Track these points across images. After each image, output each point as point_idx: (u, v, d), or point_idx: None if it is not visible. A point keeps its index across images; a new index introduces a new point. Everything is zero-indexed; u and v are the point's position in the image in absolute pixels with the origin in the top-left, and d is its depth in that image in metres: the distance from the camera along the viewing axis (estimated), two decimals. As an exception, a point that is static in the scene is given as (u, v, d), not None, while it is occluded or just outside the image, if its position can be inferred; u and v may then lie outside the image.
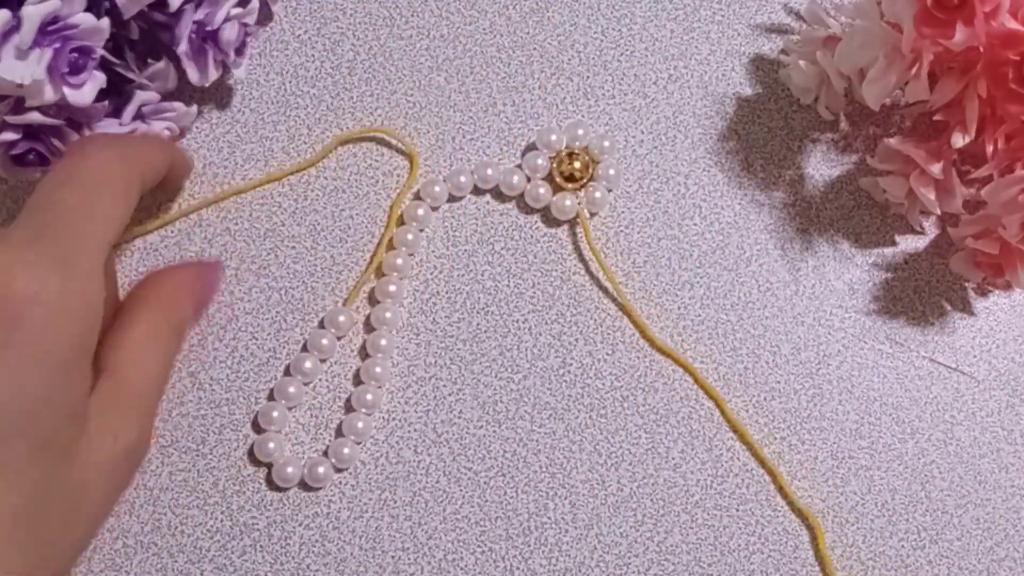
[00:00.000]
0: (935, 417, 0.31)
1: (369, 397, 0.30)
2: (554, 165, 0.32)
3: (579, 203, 0.32)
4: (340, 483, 0.30)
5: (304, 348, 0.31)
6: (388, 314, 0.31)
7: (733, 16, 0.35)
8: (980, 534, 0.30)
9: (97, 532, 0.26)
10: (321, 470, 0.29)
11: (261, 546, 0.29)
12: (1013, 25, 0.27)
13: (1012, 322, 0.32)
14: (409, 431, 0.30)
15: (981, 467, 0.31)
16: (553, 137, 0.32)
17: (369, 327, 0.31)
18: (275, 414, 0.30)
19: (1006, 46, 0.27)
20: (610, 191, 0.32)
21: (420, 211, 0.32)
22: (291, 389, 0.30)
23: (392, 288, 0.31)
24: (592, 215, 0.32)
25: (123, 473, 0.25)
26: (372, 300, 0.31)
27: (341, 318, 0.31)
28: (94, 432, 0.24)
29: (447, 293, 0.32)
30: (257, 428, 0.30)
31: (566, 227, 0.32)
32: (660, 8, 0.35)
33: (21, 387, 0.22)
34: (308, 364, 0.30)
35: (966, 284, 0.33)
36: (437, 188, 0.32)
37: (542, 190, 0.32)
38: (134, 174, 0.26)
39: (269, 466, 0.30)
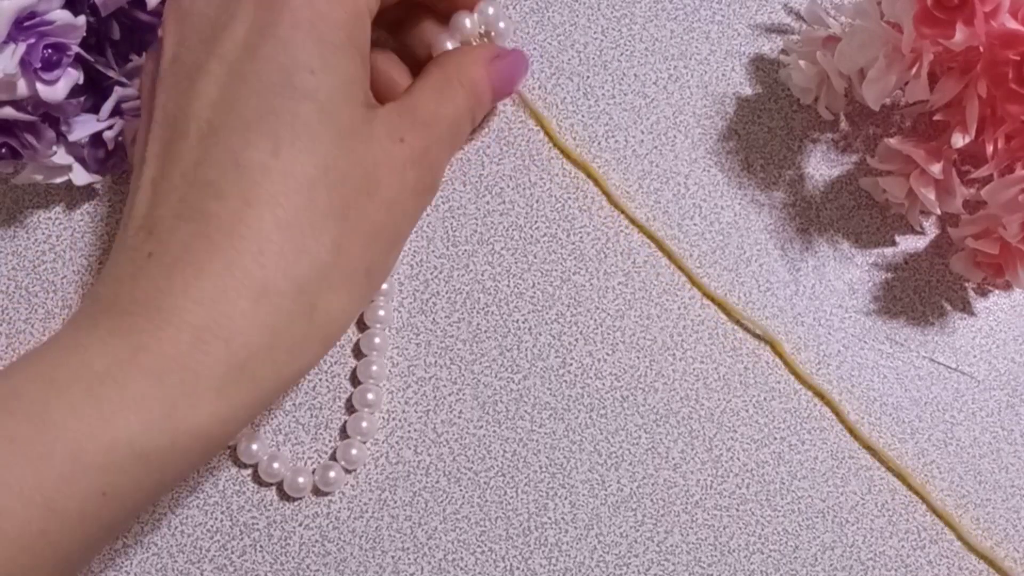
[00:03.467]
0: (935, 417, 0.31)
1: (371, 396, 0.30)
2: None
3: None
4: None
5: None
6: (381, 312, 0.31)
7: (733, 16, 0.35)
8: (980, 534, 0.30)
9: (396, 242, 0.25)
10: (332, 474, 0.29)
11: (261, 546, 0.29)
12: (1013, 25, 0.27)
13: (1012, 322, 0.32)
14: (409, 431, 0.30)
15: (981, 467, 0.31)
16: (467, 22, 0.31)
17: (362, 325, 0.31)
18: (255, 447, 0.30)
19: (1006, 46, 0.27)
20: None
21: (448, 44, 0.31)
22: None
23: (384, 286, 0.31)
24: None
25: (412, 178, 0.25)
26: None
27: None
28: (380, 130, 0.24)
29: (447, 293, 0.32)
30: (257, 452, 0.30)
31: (566, 227, 0.32)
32: (660, 8, 0.35)
33: (295, 57, 0.22)
34: None
35: (966, 284, 0.33)
36: None
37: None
38: None
39: (279, 483, 0.30)
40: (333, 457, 0.30)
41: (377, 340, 0.30)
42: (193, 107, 0.23)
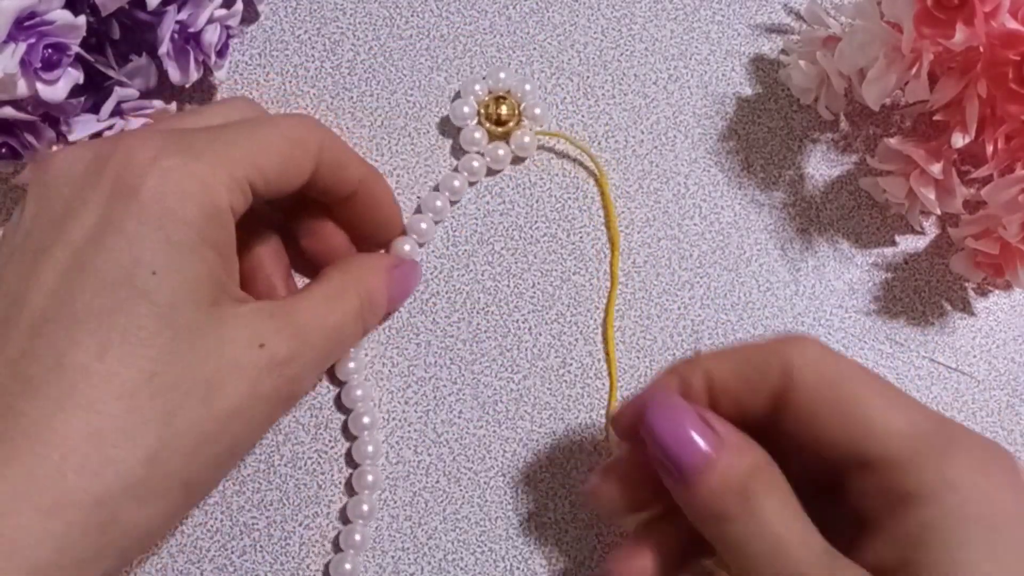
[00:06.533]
0: (935, 417, 0.31)
1: (359, 392, 0.30)
2: (481, 111, 0.32)
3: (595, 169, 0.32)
4: (338, 482, 0.30)
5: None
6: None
7: (733, 16, 0.35)
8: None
9: (231, 454, 0.24)
10: (370, 478, 0.29)
11: (261, 546, 0.29)
12: (1013, 25, 0.27)
13: (1012, 322, 0.32)
14: (409, 431, 0.30)
15: (981, 467, 0.31)
16: (476, 87, 0.32)
17: None
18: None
19: (1006, 46, 0.27)
20: (540, 127, 0.33)
21: (438, 202, 0.32)
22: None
23: None
24: (522, 159, 0.33)
25: (267, 387, 0.23)
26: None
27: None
28: (234, 333, 0.23)
29: (447, 293, 0.32)
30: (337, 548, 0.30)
31: (565, 227, 0.32)
32: (660, 8, 0.35)
33: (138, 255, 0.22)
34: None
35: (966, 284, 0.33)
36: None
37: (478, 134, 0.32)
38: (313, 141, 0.25)
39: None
40: (350, 462, 0.30)
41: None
42: (30, 292, 0.22)
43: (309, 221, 0.29)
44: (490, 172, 0.33)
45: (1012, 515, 0.21)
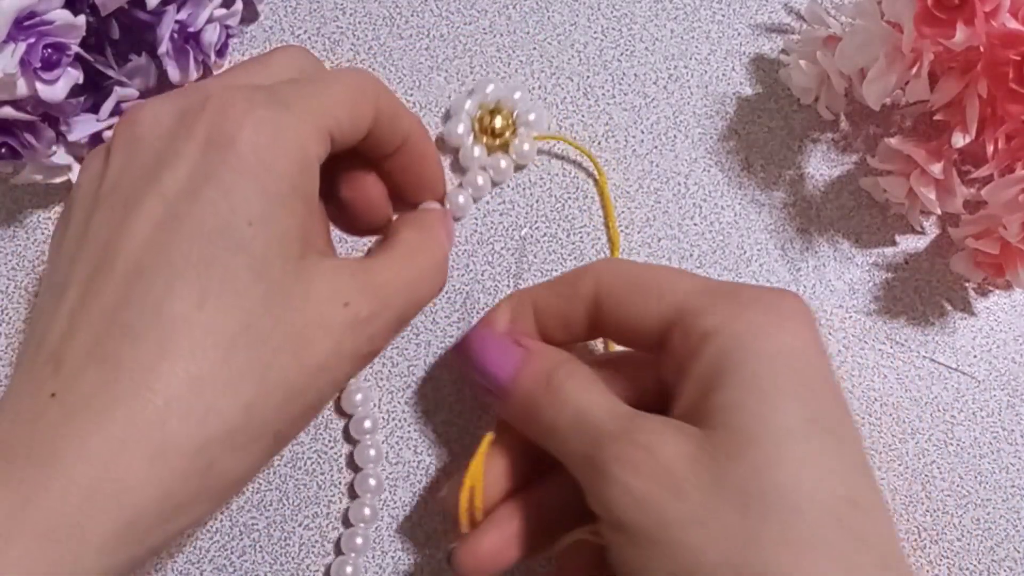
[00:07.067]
0: (935, 417, 0.31)
1: (359, 397, 0.30)
2: (475, 125, 0.32)
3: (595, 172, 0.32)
4: (339, 483, 0.30)
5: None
6: None
7: (733, 16, 0.35)
8: (980, 534, 0.30)
9: (316, 406, 0.24)
10: (372, 482, 0.29)
11: (261, 546, 0.29)
12: (1013, 25, 0.27)
13: (1012, 322, 0.32)
14: (409, 431, 0.30)
15: (981, 467, 0.31)
16: (467, 103, 0.32)
17: None
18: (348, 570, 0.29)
19: (1006, 46, 0.27)
20: (536, 133, 0.33)
21: (460, 199, 0.32)
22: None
23: None
24: (522, 167, 0.33)
25: (350, 345, 0.24)
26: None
27: None
28: (320, 290, 0.23)
29: (447, 293, 0.32)
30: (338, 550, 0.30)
31: (566, 228, 0.32)
32: (660, 8, 0.35)
33: (235, 206, 0.22)
34: None
35: (966, 284, 0.33)
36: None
37: (477, 151, 0.32)
38: (373, 91, 0.26)
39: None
40: (350, 464, 0.30)
41: None
42: (124, 242, 0.22)
43: (351, 172, 0.28)
44: (493, 184, 0.33)
45: (799, 334, 0.23)
